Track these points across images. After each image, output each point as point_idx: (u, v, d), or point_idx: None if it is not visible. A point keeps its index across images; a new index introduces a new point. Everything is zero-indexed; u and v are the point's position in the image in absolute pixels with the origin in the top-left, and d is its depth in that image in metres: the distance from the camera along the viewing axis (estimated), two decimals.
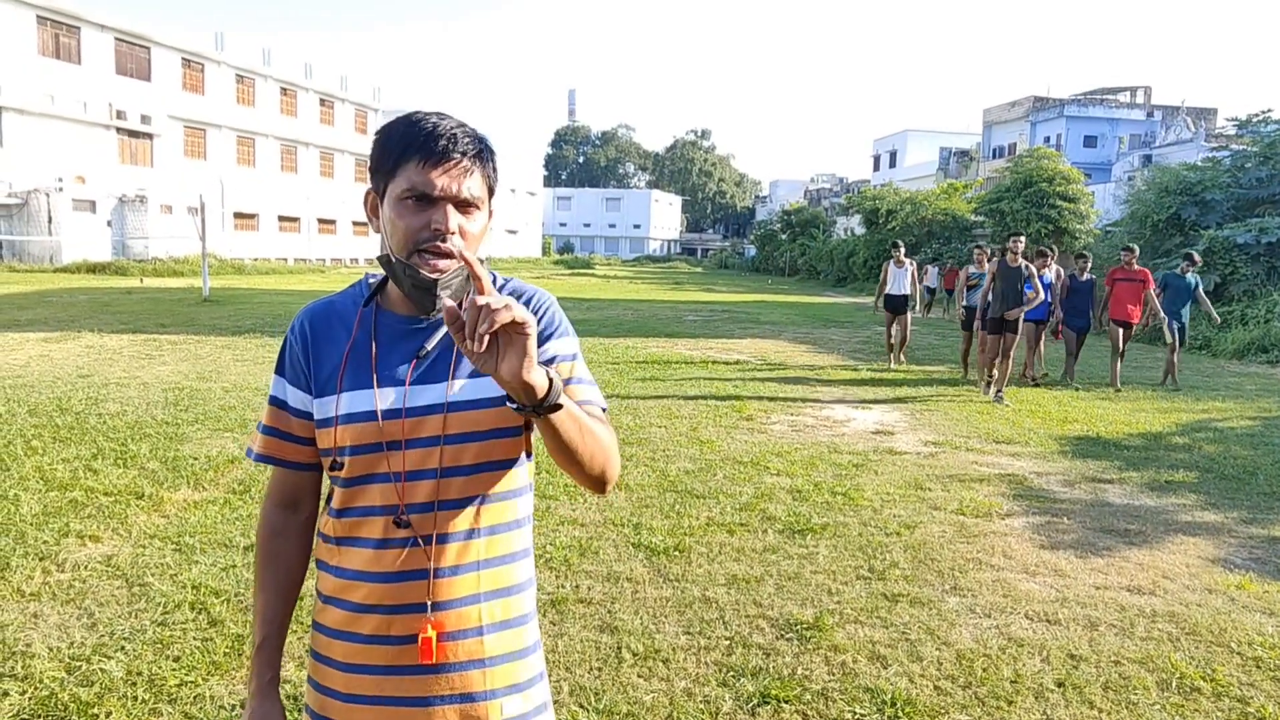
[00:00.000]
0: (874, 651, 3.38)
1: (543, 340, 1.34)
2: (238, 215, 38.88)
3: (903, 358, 12.26)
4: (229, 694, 2.92)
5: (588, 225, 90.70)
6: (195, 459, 5.77)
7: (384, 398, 1.29)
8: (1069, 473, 6.43)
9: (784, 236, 54.12)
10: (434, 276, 1.25)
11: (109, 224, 32.12)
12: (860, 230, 41.72)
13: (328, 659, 1.35)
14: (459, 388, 1.30)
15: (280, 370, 1.39)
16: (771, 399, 9.10)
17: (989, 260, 10.74)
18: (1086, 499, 5.73)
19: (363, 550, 1.31)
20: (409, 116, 1.29)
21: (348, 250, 46.16)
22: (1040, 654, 3.42)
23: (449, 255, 1.26)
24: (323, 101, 44.68)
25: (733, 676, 3.16)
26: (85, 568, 3.91)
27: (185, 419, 6.99)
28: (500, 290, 1.38)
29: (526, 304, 1.36)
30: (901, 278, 12.14)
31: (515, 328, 1.04)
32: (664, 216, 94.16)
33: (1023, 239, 10.17)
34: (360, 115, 47.55)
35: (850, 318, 21.62)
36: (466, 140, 1.28)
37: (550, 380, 1.11)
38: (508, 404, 1.12)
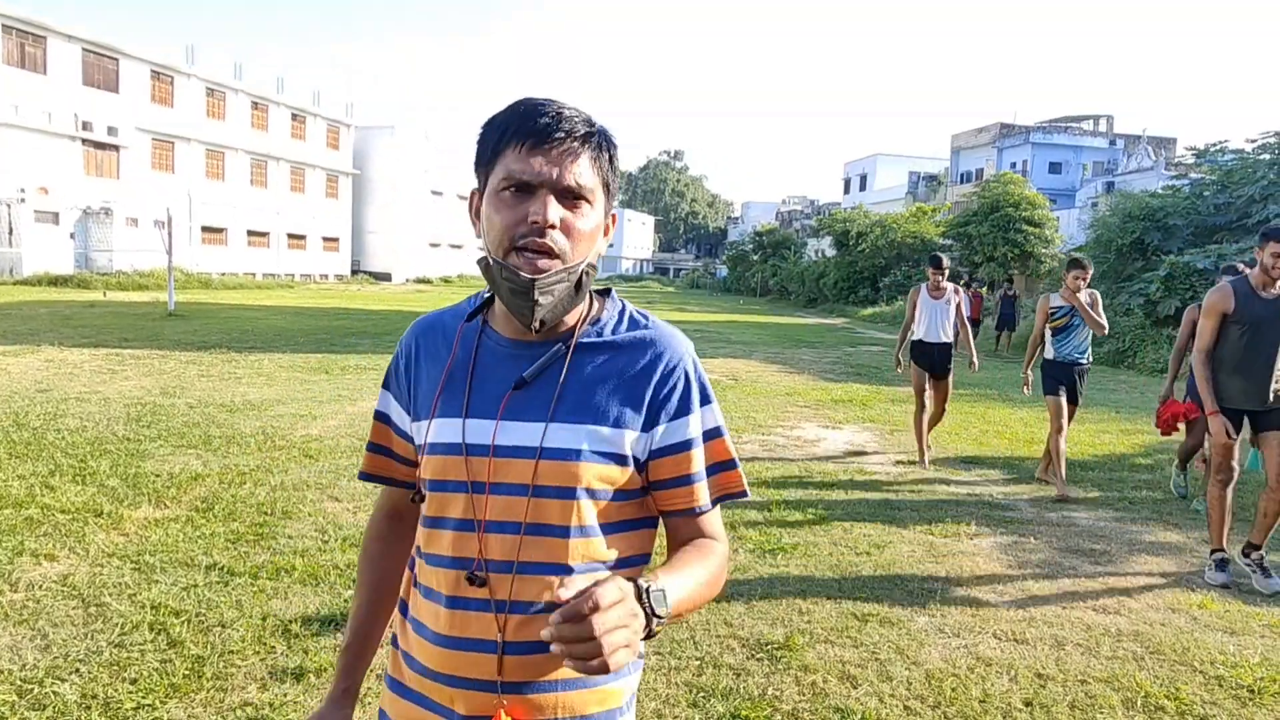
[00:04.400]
0: (844, 671, 3.38)
1: (676, 416, 1.15)
2: (206, 229, 38.38)
3: (929, 445, 7.55)
4: (188, 717, 2.84)
5: None
6: (157, 476, 5.65)
7: (473, 430, 1.12)
8: (1035, 493, 6.50)
9: (756, 257, 54.57)
10: (531, 277, 1.06)
11: (72, 236, 31.57)
12: (831, 252, 42.15)
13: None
14: (556, 430, 1.10)
15: (387, 384, 1.28)
16: (743, 419, 9.11)
17: (1087, 285, 6.38)
18: (1053, 519, 5.79)
19: (433, 605, 1.15)
20: (514, 103, 1.12)
21: (317, 266, 45.72)
22: (1008, 673, 3.44)
23: (550, 253, 1.07)
24: (294, 117, 44.35)
25: (703, 697, 3.14)
26: (40, 587, 3.80)
27: (147, 435, 6.85)
28: (628, 325, 1.19)
29: (655, 359, 1.15)
30: (940, 315, 7.42)
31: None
32: (637, 236, 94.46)
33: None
34: (332, 131, 47.27)
35: (821, 338, 21.80)
36: (575, 120, 1.09)
37: (649, 628, 0.95)
38: None
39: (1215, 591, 4.47)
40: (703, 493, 1.17)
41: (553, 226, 1.07)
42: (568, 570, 1.11)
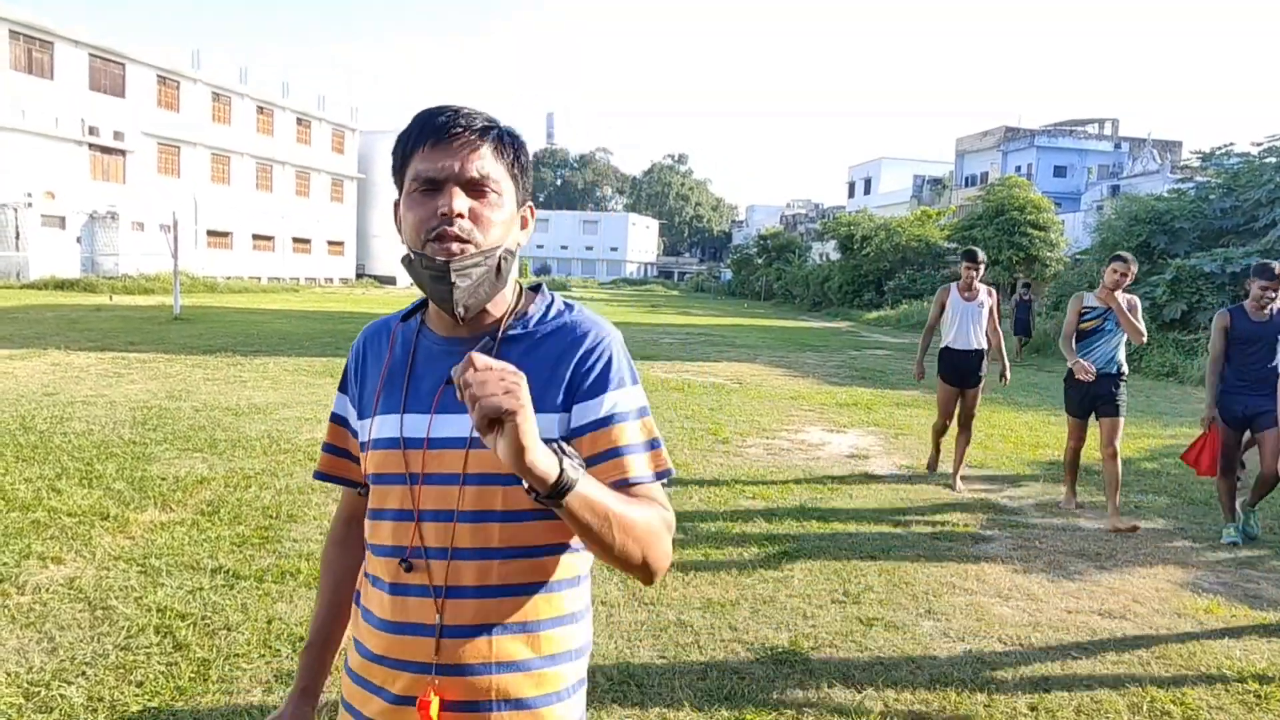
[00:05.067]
0: (849, 675, 3.38)
1: (595, 393, 1.17)
2: (211, 233, 38.51)
3: (960, 483, 6.59)
4: None
5: (565, 247, 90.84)
6: (163, 479, 5.67)
7: (410, 424, 1.20)
8: (1041, 497, 6.48)
9: (760, 261, 54.56)
10: (446, 260, 1.13)
11: (79, 240, 31.70)
12: (835, 255, 42.12)
13: (349, 705, 1.27)
14: None
15: (342, 387, 1.36)
16: (747, 422, 9.11)
17: (1121, 284, 5.61)
18: (1058, 523, 5.78)
19: (379, 593, 1.21)
20: (417, 113, 1.20)
21: (322, 270, 45.84)
22: (1013, 677, 3.43)
23: (460, 240, 1.14)
24: (299, 121, 44.48)
25: (708, 701, 3.13)
26: (46, 590, 3.82)
27: (153, 439, 6.88)
28: (554, 316, 1.24)
29: (580, 339, 1.20)
30: (972, 319, 6.62)
31: (505, 415, 0.93)
32: (641, 239, 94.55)
33: None
34: (337, 135, 47.40)
35: (825, 342, 21.77)
36: (473, 117, 1.17)
37: (561, 468, 0.98)
38: (521, 484, 1.00)
39: (1221, 596, 4.46)
40: (637, 464, 1.17)
41: (460, 215, 1.14)
42: (499, 555, 1.16)
